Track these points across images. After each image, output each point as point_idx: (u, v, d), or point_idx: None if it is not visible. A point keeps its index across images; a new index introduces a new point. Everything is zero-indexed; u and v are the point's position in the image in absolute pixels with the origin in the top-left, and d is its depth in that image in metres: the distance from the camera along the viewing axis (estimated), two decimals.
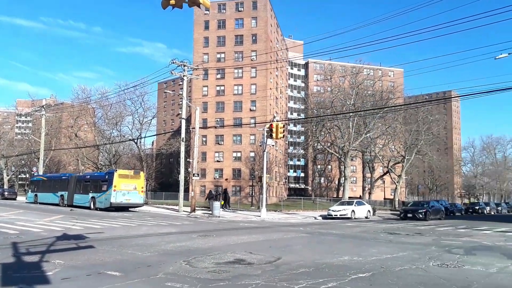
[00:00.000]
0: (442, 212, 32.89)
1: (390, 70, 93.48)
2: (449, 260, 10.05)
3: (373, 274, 8.09)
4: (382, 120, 49.52)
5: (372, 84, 57.14)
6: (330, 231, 18.72)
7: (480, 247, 13.06)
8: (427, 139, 54.57)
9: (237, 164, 61.88)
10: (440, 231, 19.66)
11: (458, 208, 47.53)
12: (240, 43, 63.89)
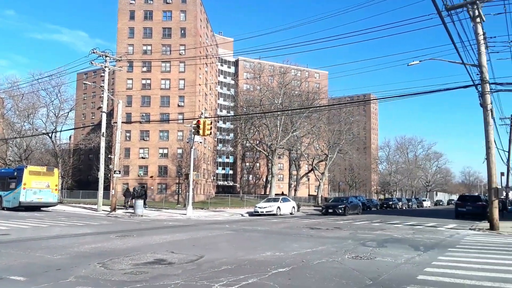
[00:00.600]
0: (359, 207, 34.96)
1: (316, 72, 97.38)
2: (363, 252, 10.61)
3: (292, 268, 8.26)
4: (307, 120, 51.45)
5: (299, 84, 59.12)
6: (255, 227, 18.90)
7: (391, 239, 13.99)
8: (348, 139, 57.94)
9: (164, 161, 60.27)
10: (357, 225, 20.80)
11: (374, 204, 50.88)
12: (168, 36, 62.21)
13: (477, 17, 18.45)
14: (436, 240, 14.07)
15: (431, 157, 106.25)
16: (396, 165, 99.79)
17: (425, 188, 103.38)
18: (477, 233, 17.45)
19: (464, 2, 18.15)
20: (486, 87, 18.58)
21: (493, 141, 19.00)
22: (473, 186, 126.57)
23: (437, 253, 10.77)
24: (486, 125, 18.81)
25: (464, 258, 9.81)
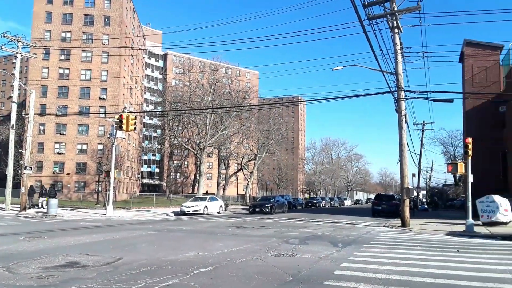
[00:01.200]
0: (285, 206, 35.88)
1: (247, 71, 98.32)
2: (286, 250, 10.81)
3: (215, 268, 8.13)
4: (237, 119, 51.67)
5: (229, 82, 59.18)
6: (180, 227, 18.46)
7: (313, 236, 14.47)
8: (277, 139, 59.27)
9: (82, 157, 56.55)
10: (282, 223, 21.26)
11: (300, 202, 52.58)
12: (91, 23, 58.49)
13: (396, 28, 19.81)
14: (353, 236, 14.82)
15: (353, 159, 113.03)
16: (321, 166, 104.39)
17: (347, 188, 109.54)
18: (390, 230, 18.73)
19: (384, 13, 19.38)
20: (401, 94, 20.03)
21: (406, 145, 20.55)
22: (389, 186, 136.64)
23: (353, 249, 11.31)
24: (401, 129, 20.28)
25: (378, 254, 10.40)
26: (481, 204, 20.55)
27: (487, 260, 9.44)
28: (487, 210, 20.13)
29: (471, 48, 33.05)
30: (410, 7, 18.89)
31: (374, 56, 18.26)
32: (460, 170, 18.45)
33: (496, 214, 19.60)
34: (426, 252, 10.77)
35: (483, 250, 11.47)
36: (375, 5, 19.11)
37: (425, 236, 16.06)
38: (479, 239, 15.15)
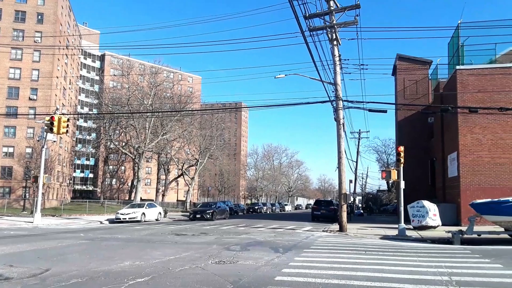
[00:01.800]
0: (227, 212, 35.64)
1: (189, 75, 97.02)
2: (227, 257, 10.60)
3: (153, 278, 7.74)
4: (179, 123, 50.57)
5: (171, 86, 57.86)
6: (115, 235, 17.52)
7: (254, 243, 14.40)
8: (219, 145, 58.87)
9: (8, 161, 52.29)
10: (223, 229, 21.00)
11: (241, 208, 52.60)
12: (22, 20, 54.68)
13: (335, 40, 20.55)
14: (294, 242, 14.97)
15: (294, 165, 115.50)
16: (263, 172, 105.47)
17: (288, 193, 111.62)
18: (329, 234, 19.22)
19: (324, 25, 20.05)
20: (339, 103, 20.75)
21: (344, 152, 21.32)
22: (327, 192, 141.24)
23: (294, 254, 11.38)
24: (339, 137, 20.99)
25: (317, 258, 10.55)
26: (412, 209, 21.80)
27: (418, 263, 9.92)
28: (417, 214, 21.38)
29: (403, 62, 35.29)
30: (348, 21, 19.71)
31: (315, 66, 18.83)
32: (393, 176, 19.43)
33: (425, 218, 20.87)
34: (363, 256, 11.12)
35: (414, 253, 12.08)
36: (316, 17, 19.75)
37: (361, 240, 16.66)
38: (410, 242, 15.99)
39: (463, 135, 23.34)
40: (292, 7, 14.68)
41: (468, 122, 23.30)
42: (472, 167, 22.98)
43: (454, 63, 25.76)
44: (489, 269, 8.95)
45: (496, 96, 22.86)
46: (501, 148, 22.66)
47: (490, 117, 22.67)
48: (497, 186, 22.20)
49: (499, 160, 22.63)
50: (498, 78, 23.08)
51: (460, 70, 23.90)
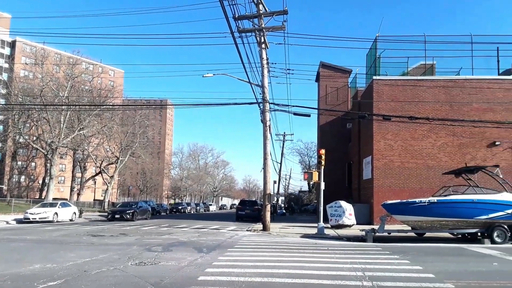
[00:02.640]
0: (149, 212, 34.45)
1: (111, 69, 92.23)
2: (148, 258, 10.22)
3: (66, 281, 7.21)
4: (98, 118, 47.66)
5: (90, 79, 54.42)
6: (24, 236, 16.06)
7: (177, 243, 14.08)
8: (142, 142, 56.66)
9: None
10: (145, 230, 20.26)
11: (164, 208, 51.28)
12: None
13: (263, 44, 20.93)
14: (218, 241, 14.92)
15: (219, 165, 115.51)
16: (187, 171, 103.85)
17: (213, 194, 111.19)
18: (253, 234, 19.48)
19: (253, 28, 20.33)
20: (266, 105, 21.16)
21: (269, 153, 21.75)
22: (252, 192, 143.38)
23: (218, 253, 11.33)
24: (265, 139, 21.39)
25: (241, 257, 10.62)
26: (330, 209, 22.97)
27: (336, 260, 10.44)
28: (335, 214, 22.57)
29: (325, 70, 37.11)
30: (276, 26, 20.22)
31: (243, 67, 18.99)
32: (314, 178, 20.30)
33: (342, 218, 22.11)
34: (285, 254, 11.42)
35: (332, 250, 12.70)
36: (245, 19, 19.97)
37: (283, 238, 17.13)
38: (329, 240, 16.80)
39: (377, 141, 25.15)
40: (222, 7, 14.66)
41: (382, 128, 25.15)
42: (384, 170, 24.86)
43: (371, 73, 27.66)
44: (398, 265, 9.70)
45: (407, 105, 24.99)
46: (410, 153, 24.82)
47: (401, 125, 24.69)
48: (405, 188, 24.25)
49: (408, 164, 24.76)
50: (409, 89, 25.26)
51: (376, 80, 25.73)
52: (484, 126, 23.82)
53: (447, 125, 24.03)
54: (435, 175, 23.50)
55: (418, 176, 24.50)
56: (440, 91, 25.01)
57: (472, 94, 24.73)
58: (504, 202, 15.51)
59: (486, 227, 15.36)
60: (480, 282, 7.69)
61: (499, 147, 24.21)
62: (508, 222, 15.23)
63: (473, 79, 25.02)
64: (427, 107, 24.84)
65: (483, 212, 15.40)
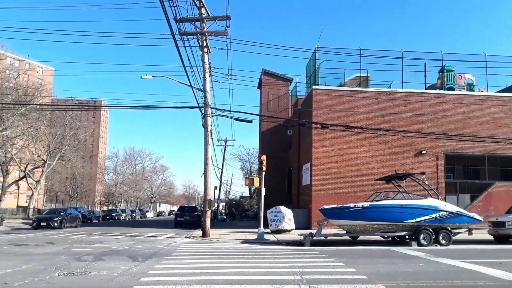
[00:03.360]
0: (79, 220, 32.48)
1: (39, 65, 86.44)
2: (77, 268, 9.56)
3: None
4: (23, 118, 44.10)
5: (16, 76, 50.36)
6: None
7: (110, 252, 13.37)
8: (73, 145, 53.37)
9: None
10: (74, 239, 19.06)
11: (96, 215, 48.68)
12: None
13: (205, 47, 20.75)
14: (154, 249, 14.39)
15: (158, 170, 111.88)
16: (123, 176, 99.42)
17: (150, 199, 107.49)
18: (192, 240, 19.07)
19: (195, 31, 20.10)
20: (208, 110, 20.93)
21: (210, 159, 21.50)
22: (192, 198, 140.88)
23: (154, 262, 10.91)
24: (206, 144, 21.13)
25: (178, 265, 10.30)
26: (271, 214, 23.20)
27: (275, 264, 10.49)
28: (275, 219, 22.83)
29: (268, 77, 37.70)
30: (218, 31, 20.16)
31: (185, 70, 18.60)
32: (255, 184, 20.40)
33: (282, 223, 22.42)
34: (224, 260, 11.27)
35: (271, 255, 12.77)
36: (187, 22, 19.70)
37: (223, 245, 16.95)
38: (268, 245, 16.91)
39: (316, 148, 25.94)
40: (163, 8, 14.27)
41: (320, 136, 25.99)
42: (322, 176, 25.68)
43: (311, 82, 28.56)
44: (334, 267, 9.96)
45: (344, 115, 26.09)
46: (346, 160, 25.89)
47: (338, 133, 25.70)
48: (342, 193, 25.21)
49: (343, 171, 25.79)
50: (346, 100, 26.41)
51: (316, 90, 26.60)
52: (412, 136, 25.54)
53: (379, 134, 25.43)
54: (368, 181, 24.70)
55: (353, 182, 25.60)
56: (373, 102, 26.42)
57: (402, 106, 26.43)
58: (429, 207, 16.66)
59: (414, 230, 16.37)
60: (408, 282, 8.10)
61: (425, 155, 26.06)
62: (433, 226, 16.37)
63: (403, 92, 26.77)
64: (362, 117, 26.11)
65: (410, 216, 16.42)
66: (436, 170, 25.99)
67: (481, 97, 27.18)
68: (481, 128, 26.42)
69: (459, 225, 16.92)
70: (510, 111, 26.91)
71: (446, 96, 26.95)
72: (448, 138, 25.78)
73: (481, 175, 27.14)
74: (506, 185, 26.29)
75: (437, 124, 26.33)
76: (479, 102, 26.84)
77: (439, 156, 26.17)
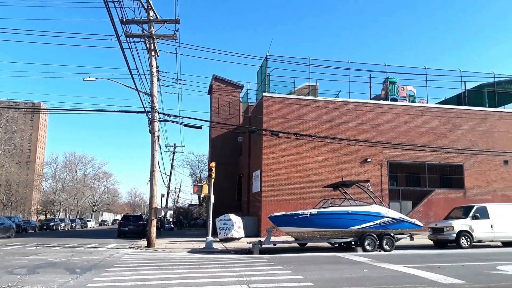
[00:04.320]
0: (12, 230, 30.11)
1: None
2: (8, 282, 8.77)
3: None
4: None
5: None
6: None
7: (46, 264, 12.44)
8: (7, 150, 49.90)
9: None
10: (6, 250, 17.61)
11: (32, 225, 45.71)
12: None
13: (153, 51, 20.19)
14: (95, 261, 13.59)
15: (101, 177, 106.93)
16: (62, 183, 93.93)
17: (92, 208, 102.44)
18: (136, 251, 18.26)
19: (142, 34, 19.52)
20: (155, 115, 20.31)
21: (157, 165, 20.81)
22: (138, 206, 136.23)
23: (93, 274, 10.28)
24: (153, 150, 20.44)
25: (120, 277, 9.76)
26: (220, 222, 22.86)
27: (222, 274, 10.23)
28: (224, 227, 22.50)
29: (218, 83, 37.50)
30: (167, 34, 19.72)
31: (130, 74, 17.94)
32: (204, 191, 19.99)
33: (231, 231, 22.14)
34: (169, 271, 10.84)
35: (219, 264, 12.48)
36: (134, 24, 19.13)
37: (169, 255, 16.37)
38: (216, 254, 16.57)
39: (266, 155, 26.03)
40: (107, 8, 13.67)
41: (270, 143, 26.13)
42: (272, 183, 25.77)
43: (261, 90, 28.73)
44: (281, 275, 9.90)
45: (294, 123, 26.44)
46: (295, 168, 26.20)
47: (288, 141, 25.98)
48: (291, 200, 25.43)
49: (293, 178, 26.06)
50: (296, 108, 26.81)
51: (266, 97, 26.77)
52: (358, 144, 26.41)
53: (327, 142, 26.05)
54: (316, 189, 25.13)
55: (302, 189, 25.94)
56: (322, 111, 27.05)
57: (349, 115, 27.30)
58: (373, 213, 17.20)
59: (359, 236, 16.80)
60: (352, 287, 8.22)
61: (370, 163, 27.03)
62: (377, 232, 16.90)
63: (349, 101, 27.67)
64: (311, 125, 26.62)
65: (356, 223, 16.85)
66: (380, 178, 27.03)
67: (422, 108, 28.75)
68: (421, 137, 27.90)
69: (402, 231, 17.61)
70: (448, 122, 28.70)
71: (390, 107, 28.21)
72: (391, 147, 26.95)
73: (422, 183, 28.61)
74: (445, 192, 27.89)
75: (381, 133, 27.44)
76: (420, 113, 28.37)
77: (383, 164, 27.26)
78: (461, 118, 28.81)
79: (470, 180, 28.26)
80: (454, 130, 28.56)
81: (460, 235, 17.92)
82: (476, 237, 18.12)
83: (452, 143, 28.04)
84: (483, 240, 18.61)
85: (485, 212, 18.60)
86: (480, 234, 18.19)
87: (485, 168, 28.55)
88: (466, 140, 28.49)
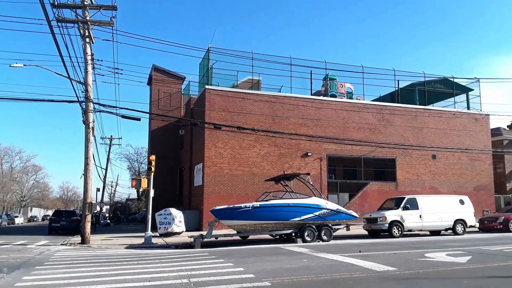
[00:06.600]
0: None
1: None
2: None
3: None
4: None
5: None
6: None
7: None
8: None
9: None
10: None
11: None
12: None
13: (87, 37, 19.13)
14: (23, 259, 12.67)
15: (30, 170, 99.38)
16: None
17: (20, 204, 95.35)
18: (69, 248, 17.29)
19: (75, 19, 18.41)
20: (90, 105, 19.25)
21: (92, 158, 19.77)
22: (71, 201, 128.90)
23: (22, 273, 9.60)
24: (87, 142, 19.39)
25: (51, 276, 9.19)
26: (160, 216, 22.30)
27: (161, 269, 9.98)
28: (164, 222, 21.99)
29: (158, 73, 36.41)
30: (103, 21, 18.82)
31: (62, 61, 16.78)
32: (143, 185, 19.36)
33: (172, 225, 21.69)
34: (105, 268, 10.38)
35: (158, 259, 12.17)
36: (67, 8, 17.99)
37: (105, 251, 15.68)
38: (156, 249, 16.14)
39: (208, 148, 25.77)
40: None
41: (213, 136, 25.90)
42: (215, 177, 25.60)
43: (204, 82, 28.33)
44: (223, 268, 9.87)
45: (236, 116, 26.41)
46: (238, 161, 26.23)
47: (230, 134, 25.90)
48: (234, 194, 25.43)
49: (236, 171, 26.07)
50: (239, 101, 26.79)
51: (209, 90, 26.45)
52: (299, 138, 27.03)
53: (270, 136, 26.36)
54: (259, 182, 25.39)
55: (245, 183, 26.05)
56: (264, 105, 27.29)
57: (291, 110, 27.82)
58: (313, 205, 17.74)
59: (299, 228, 17.25)
60: (292, 278, 8.39)
61: (310, 157, 27.80)
62: (316, 223, 17.45)
63: (291, 97, 28.19)
64: (254, 119, 26.76)
65: (296, 215, 17.28)
66: (320, 171, 27.91)
67: (359, 105, 30.07)
68: (358, 133, 29.20)
69: (339, 222, 18.36)
70: (382, 118, 30.28)
71: (329, 103, 29.15)
72: (330, 141, 27.91)
73: (358, 176, 30.00)
74: (379, 185, 29.48)
75: (321, 128, 28.30)
76: (357, 109, 29.65)
77: (323, 157, 28.18)
78: (394, 115, 30.53)
79: (402, 173, 30.13)
80: (387, 126, 30.22)
81: (392, 225, 19.07)
82: (407, 227, 19.40)
83: (386, 138, 29.68)
84: (413, 229, 19.97)
85: (414, 203, 19.95)
86: (410, 224, 19.50)
87: (415, 162, 30.57)
88: (398, 135, 30.29)
